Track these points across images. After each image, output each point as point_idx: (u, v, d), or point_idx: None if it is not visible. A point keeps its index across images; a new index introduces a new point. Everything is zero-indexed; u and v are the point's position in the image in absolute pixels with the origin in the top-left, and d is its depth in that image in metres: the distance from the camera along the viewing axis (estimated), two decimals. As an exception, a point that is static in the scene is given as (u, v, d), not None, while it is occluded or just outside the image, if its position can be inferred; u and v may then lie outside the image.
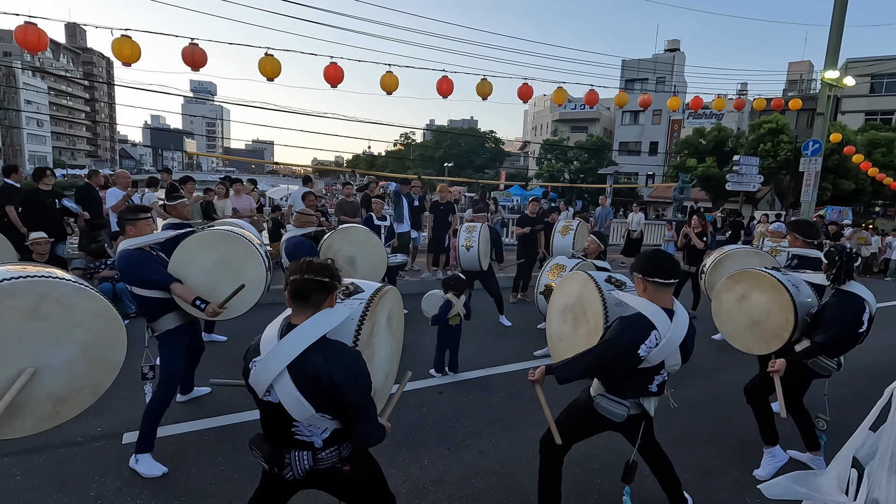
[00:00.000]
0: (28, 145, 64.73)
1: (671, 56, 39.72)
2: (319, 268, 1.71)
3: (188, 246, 3.17)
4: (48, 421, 1.81)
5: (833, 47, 14.31)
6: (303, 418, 1.66)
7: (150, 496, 2.75)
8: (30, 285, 1.75)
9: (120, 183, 6.94)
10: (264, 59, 7.91)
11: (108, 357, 1.98)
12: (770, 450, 3.27)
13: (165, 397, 3.06)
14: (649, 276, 2.29)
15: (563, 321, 3.04)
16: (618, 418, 2.37)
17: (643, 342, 2.20)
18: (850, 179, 23.30)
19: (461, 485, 3.00)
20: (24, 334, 1.74)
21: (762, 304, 3.29)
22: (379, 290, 2.10)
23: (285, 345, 1.65)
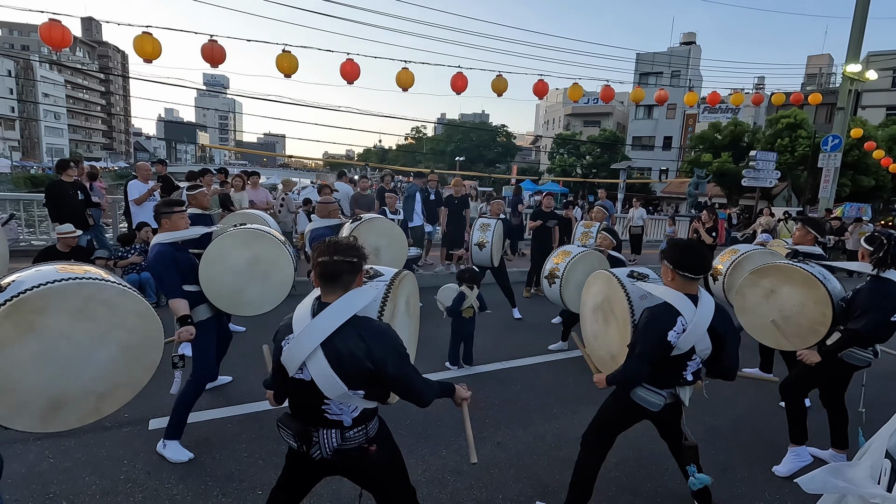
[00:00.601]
0: (46, 138, 65.81)
1: (687, 49, 39.15)
2: (347, 248, 1.75)
3: (223, 243, 3.19)
4: (90, 416, 1.89)
5: (855, 40, 14.03)
6: (335, 396, 1.71)
7: (177, 480, 2.83)
8: (78, 287, 1.81)
9: (141, 175, 7.05)
10: (282, 56, 7.96)
11: (146, 357, 2.05)
12: (795, 449, 3.23)
13: (198, 388, 3.14)
14: (680, 268, 2.31)
15: (595, 321, 3.08)
16: (654, 408, 2.41)
17: (671, 328, 2.26)
18: (870, 176, 22.86)
19: (479, 475, 3.04)
20: (71, 333, 1.80)
21: (794, 299, 3.20)
22: (398, 274, 2.16)
23: (319, 323, 1.69)
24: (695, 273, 2.29)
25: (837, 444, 3.36)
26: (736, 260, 4.40)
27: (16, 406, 1.68)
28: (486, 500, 2.81)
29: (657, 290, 2.43)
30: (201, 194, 4.85)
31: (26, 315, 1.67)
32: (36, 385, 1.71)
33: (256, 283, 3.23)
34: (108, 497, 2.65)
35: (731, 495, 2.99)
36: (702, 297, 2.35)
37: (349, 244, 1.78)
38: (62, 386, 1.77)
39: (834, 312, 3.08)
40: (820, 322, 3.13)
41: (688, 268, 2.29)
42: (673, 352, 2.31)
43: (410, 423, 3.59)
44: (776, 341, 3.44)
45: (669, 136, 40.02)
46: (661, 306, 2.33)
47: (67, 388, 1.79)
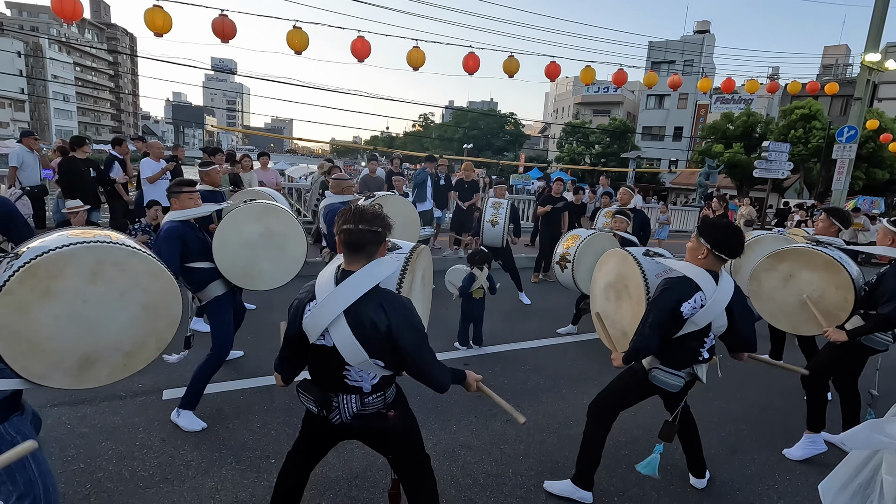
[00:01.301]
0: (55, 120, 66.04)
1: (700, 38, 38.50)
2: (373, 217, 1.74)
3: (235, 218, 3.19)
4: (119, 372, 1.94)
5: (875, 28, 13.71)
6: (356, 363, 1.72)
7: (192, 447, 2.87)
8: (87, 251, 1.83)
9: (153, 154, 7.05)
10: (292, 32, 7.89)
11: (167, 313, 2.07)
12: (811, 436, 3.22)
13: (218, 361, 3.17)
14: (717, 249, 2.29)
15: (606, 299, 3.05)
16: (674, 389, 2.43)
17: (686, 300, 2.24)
18: (885, 169, 22.53)
19: (490, 450, 3.06)
20: (88, 296, 1.83)
21: (814, 284, 3.13)
22: (416, 248, 2.16)
23: (342, 290, 1.70)
24: (731, 255, 2.29)
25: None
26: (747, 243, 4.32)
27: (48, 365, 1.74)
28: (497, 474, 2.83)
29: (677, 265, 2.42)
30: (214, 171, 4.88)
31: (41, 280, 1.71)
32: (63, 345, 1.77)
33: (270, 257, 3.23)
34: (124, 461, 2.69)
35: (741, 476, 2.99)
36: (723, 275, 2.35)
37: (375, 213, 1.76)
38: (89, 345, 1.82)
39: (856, 298, 3.03)
40: (841, 307, 3.07)
41: (726, 250, 2.28)
42: (688, 328, 2.30)
43: (420, 399, 3.60)
44: (794, 325, 3.38)
45: (680, 127, 39.56)
46: (679, 278, 2.32)
47: (94, 347, 1.83)
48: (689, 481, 2.85)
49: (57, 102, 66.26)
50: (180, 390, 3.31)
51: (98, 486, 2.48)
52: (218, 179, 5.00)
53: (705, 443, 2.95)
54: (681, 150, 38.14)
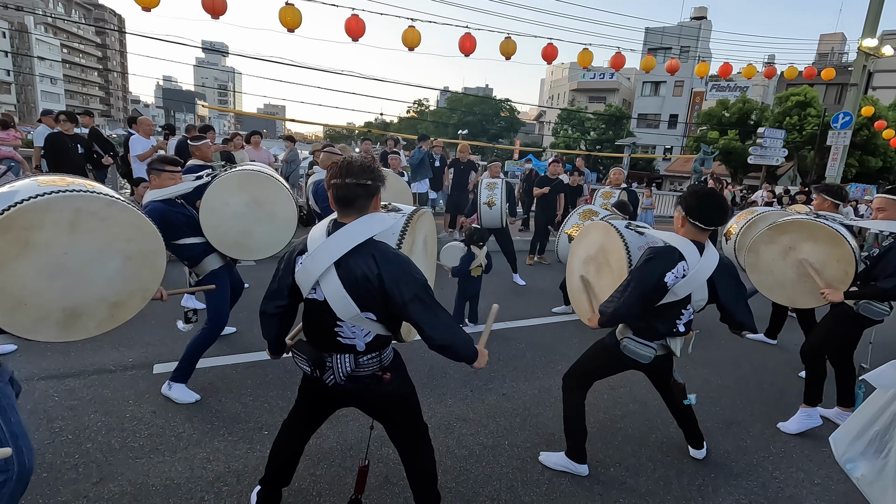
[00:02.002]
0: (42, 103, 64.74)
1: (697, 24, 38.24)
2: (360, 170, 1.66)
3: (217, 189, 3.09)
4: (106, 324, 1.90)
5: (873, 13, 13.64)
6: (347, 317, 1.66)
7: (183, 419, 2.82)
8: (64, 200, 1.76)
9: (143, 130, 6.91)
10: (285, 9, 7.70)
11: (151, 263, 2.03)
12: (807, 409, 3.21)
13: (213, 335, 3.11)
14: (692, 217, 2.24)
15: (585, 272, 3.00)
16: (644, 360, 2.39)
17: (671, 270, 2.19)
18: (878, 157, 22.63)
19: (486, 422, 3.04)
20: (69, 247, 1.77)
21: (815, 257, 3.09)
22: (417, 211, 2.10)
23: (334, 241, 1.64)
24: (707, 224, 2.22)
25: (843, 403, 3.36)
26: (752, 220, 4.30)
27: (34, 319, 1.70)
28: (493, 445, 2.81)
29: (661, 235, 2.37)
30: (205, 146, 4.77)
31: (19, 232, 1.65)
32: (47, 298, 1.72)
33: (262, 224, 3.15)
34: (113, 433, 2.64)
35: (736, 448, 3.00)
36: (708, 248, 2.29)
37: (362, 165, 1.68)
38: (74, 297, 1.77)
39: (857, 270, 3.01)
40: (841, 281, 3.04)
41: (701, 218, 2.22)
42: (669, 297, 2.25)
43: (415, 372, 3.52)
44: (790, 298, 3.37)
45: (675, 114, 39.45)
46: (663, 248, 2.27)
47: (80, 299, 1.79)
48: (685, 453, 2.84)
49: (44, 85, 64.97)
50: (171, 364, 3.26)
51: (86, 457, 2.43)
52: (209, 154, 4.89)
53: (701, 417, 2.95)
54: (676, 138, 38.09)
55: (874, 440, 1.70)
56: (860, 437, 1.78)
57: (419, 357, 3.85)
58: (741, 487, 2.62)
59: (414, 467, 2.02)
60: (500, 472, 2.58)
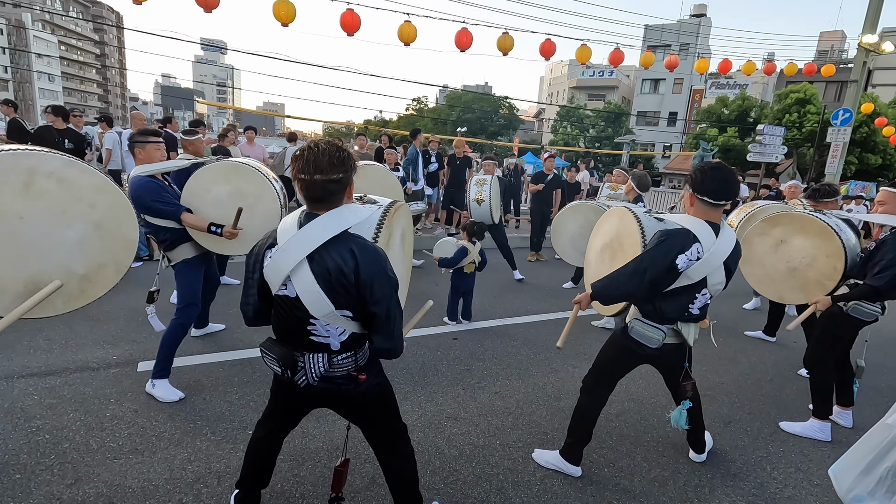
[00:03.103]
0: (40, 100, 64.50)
1: (697, 21, 38.09)
2: (329, 166, 1.50)
3: (202, 176, 3.05)
4: (77, 299, 1.78)
5: (873, 9, 13.55)
6: (321, 315, 1.56)
7: (166, 418, 2.75)
8: (14, 158, 1.66)
9: (135, 125, 6.82)
10: (279, 3, 7.60)
11: (120, 232, 1.92)
12: (818, 423, 3.07)
13: (183, 325, 3.02)
14: (699, 192, 2.13)
15: (601, 261, 2.93)
16: (653, 343, 2.25)
17: (684, 252, 2.08)
18: (878, 154, 22.55)
19: (477, 422, 2.96)
20: (24, 212, 1.67)
21: (805, 250, 3.06)
22: (394, 203, 2.01)
23: (306, 233, 1.52)
24: (714, 198, 2.10)
25: (842, 402, 3.28)
26: (751, 213, 4.23)
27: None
28: (484, 445, 2.74)
29: (675, 217, 2.26)
30: (198, 140, 4.69)
31: None
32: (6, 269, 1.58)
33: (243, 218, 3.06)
34: (92, 432, 2.56)
35: (733, 446, 2.93)
36: (724, 228, 2.17)
37: (332, 159, 1.50)
38: (35, 268, 1.66)
39: (845, 267, 2.95)
40: (829, 276, 3.01)
41: (708, 192, 2.10)
42: (681, 281, 2.14)
43: (407, 371, 3.50)
44: (778, 293, 3.34)
45: (675, 112, 39.34)
46: (677, 230, 2.15)
47: (42, 269, 1.67)
48: (681, 452, 2.77)
49: (42, 82, 64.74)
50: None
51: (63, 457, 2.35)
52: (201, 149, 4.81)
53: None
54: (675, 135, 37.98)
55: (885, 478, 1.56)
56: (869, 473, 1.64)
57: (411, 354, 3.78)
58: (738, 488, 2.55)
59: (391, 468, 1.93)
60: (491, 473, 2.50)
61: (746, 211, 4.35)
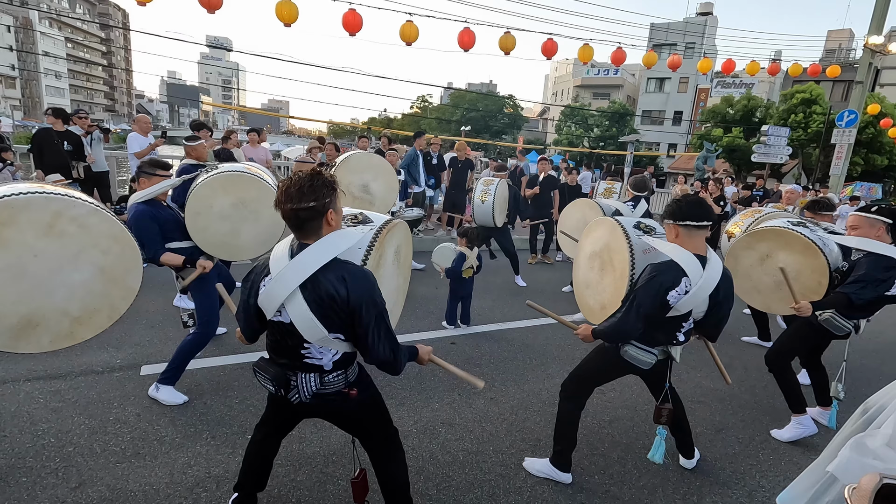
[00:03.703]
0: (47, 98, 64.95)
1: (703, 20, 37.88)
2: (298, 195, 1.55)
3: (200, 193, 3.08)
4: (64, 339, 1.83)
5: (880, 10, 13.47)
6: (315, 339, 1.64)
7: (167, 422, 2.82)
8: (46, 201, 1.74)
9: (140, 127, 6.89)
10: (281, 4, 7.65)
11: (124, 281, 1.98)
12: (798, 417, 3.17)
13: (203, 338, 3.10)
14: (680, 220, 2.22)
15: (590, 268, 2.96)
16: (645, 366, 2.37)
17: (673, 288, 2.16)
18: (884, 155, 22.39)
19: (472, 427, 3.02)
20: (40, 250, 1.74)
21: (790, 266, 3.10)
22: (388, 223, 2.05)
23: (298, 264, 1.59)
24: (696, 220, 2.18)
25: (822, 402, 3.39)
26: (759, 218, 4.26)
27: None
28: (477, 451, 2.79)
29: (664, 248, 2.31)
30: (201, 146, 4.76)
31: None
32: (6, 301, 1.65)
33: (248, 223, 3.13)
34: (96, 436, 2.64)
35: (724, 454, 2.97)
36: (710, 260, 2.24)
37: (302, 188, 1.56)
38: (34, 304, 1.72)
39: (830, 282, 3.02)
40: (814, 290, 3.08)
41: (688, 216, 2.19)
42: (672, 313, 2.23)
43: (405, 375, 3.56)
44: (766, 304, 3.42)
45: (680, 111, 39.18)
46: (666, 264, 2.22)
47: (40, 307, 1.74)
48: (672, 460, 2.81)
49: (49, 79, 65.14)
50: (159, 366, 3.27)
51: (67, 461, 2.42)
52: (204, 154, 4.88)
53: (691, 422, 2.90)
54: (680, 135, 37.83)
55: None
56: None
57: (409, 359, 3.84)
58: (727, 496, 2.59)
59: (386, 471, 2.01)
60: (483, 479, 2.55)
61: (753, 216, 4.36)
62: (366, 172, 4.60)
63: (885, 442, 1.20)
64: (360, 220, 1.98)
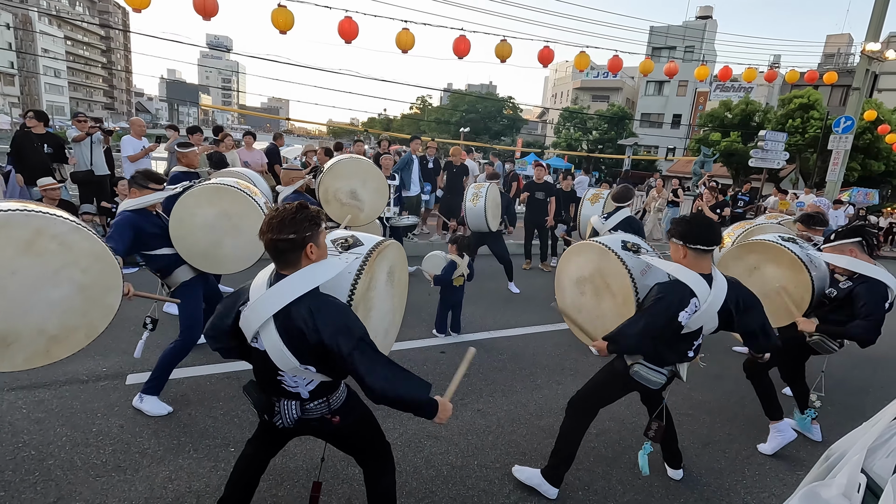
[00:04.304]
0: (46, 95, 64.85)
1: (702, 24, 37.94)
2: (281, 226, 1.57)
3: (186, 202, 3.09)
4: (39, 358, 1.81)
5: (877, 17, 13.50)
6: (287, 369, 1.64)
7: (150, 434, 2.80)
8: (26, 218, 1.73)
9: (134, 131, 6.88)
10: (277, 11, 7.65)
11: (103, 299, 1.97)
12: (776, 425, 3.20)
13: (185, 347, 3.09)
14: (691, 242, 2.20)
15: (580, 293, 2.91)
16: (655, 386, 2.37)
17: (683, 309, 2.16)
18: (881, 161, 22.44)
19: (457, 441, 3.01)
20: (18, 267, 1.73)
21: (777, 279, 3.14)
22: (379, 245, 2.01)
23: (272, 294, 1.60)
24: (707, 244, 2.19)
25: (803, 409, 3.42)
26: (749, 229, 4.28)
27: None
28: (461, 465, 2.78)
29: (668, 267, 2.30)
30: (192, 153, 4.78)
31: None
32: None
33: (230, 238, 3.12)
34: (77, 448, 2.62)
35: (709, 469, 2.96)
36: (716, 277, 2.24)
37: (283, 220, 1.58)
38: (9, 322, 1.71)
39: (812, 299, 3.04)
40: (797, 305, 3.11)
41: (699, 240, 2.18)
42: (683, 330, 2.24)
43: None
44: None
45: (679, 114, 39.25)
46: (673, 285, 2.22)
47: (15, 324, 1.72)
48: (656, 476, 2.80)
49: (48, 77, 65.02)
50: (145, 375, 3.23)
51: (47, 475, 2.40)
52: (195, 162, 4.89)
53: (679, 435, 2.90)
54: (679, 138, 37.89)
55: None
56: None
57: (397, 369, 3.82)
58: (711, 513, 2.58)
59: (376, 489, 2.01)
60: (466, 495, 2.54)
61: (744, 227, 4.38)
62: (353, 178, 4.58)
63: (840, 492, 1.18)
64: (351, 244, 1.95)
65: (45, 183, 5.27)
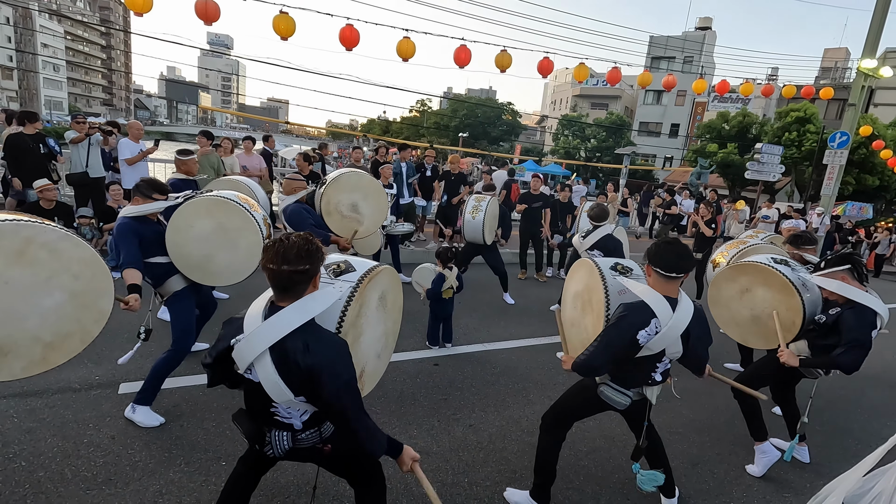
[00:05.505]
0: (44, 90, 64.65)
1: (701, 35, 38.24)
2: (297, 258, 1.58)
3: (184, 212, 3.10)
4: (37, 366, 1.83)
5: (874, 34, 13.64)
6: (281, 400, 1.65)
7: (142, 446, 2.80)
8: (16, 227, 1.75)
9: (132, 134, 6.86)
10: (279, 17, 7.69)
11: (95, 305, 1.99)
12: (760, 446, 3.23)
13: (177, 357, 3.09)
14: (655, 265, 2.25)
15: (574, 307, 2.98)
16: (620, 406, 2.41)
17: (643, 328, 2.19)
18: (875, 175, 22.63)
19: (448, 457, 3.02)
20: (10, 277, 1.74)
21: (768, 302, 3.18)
22: (371, 271, 2.01)
23: (268, 327, 1.60)
24: (668, 272, 2.21)
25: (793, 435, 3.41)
26: (743, 249, 4.31)
27: None
28: (452, 483, 2.79)
29: (637, 289, 2.34)
30: (192, 161, 4.78)
31: None
32: None
33: (225, 251, 3.13)
34: (68, 460, 2.62)
35: (697, 490, 2.98)
36: (681, 302, 2.27)
37: (299, 251, 1.59)
38: (4, 332, 1.72)
39: (803, 322, 3.07)
40: (787, 329, 3.14)
41: (663, 266, 2.22)
42: (642, 352, 2.25)
43: (385, 399, 3.56)
44: (743, 336, 3.51)
45: (677, 124, 39.51)
46: (637, 304, 2.26)
47: (11, 334, 1.74)
48: (644, 497, 2.82)
49: (46, 72, 64.82)
50: (138, 384, 3.23)
51: (37, 487, 2.40)
52: (194, 169, 4.89)
53: (668, 454, 2.92)
54: (676, 148, 38.12)
55: None
56: None
57: (391, 381, 3.84)
58: (698, 535, 2.60)
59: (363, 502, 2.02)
60: (456, 514, 2.56)
61: (738, 247, 4.41)
62: (355, 192, 4.61)
63: None
64: (343, 270, 1.96)
65: (40, 185, 5.26)
